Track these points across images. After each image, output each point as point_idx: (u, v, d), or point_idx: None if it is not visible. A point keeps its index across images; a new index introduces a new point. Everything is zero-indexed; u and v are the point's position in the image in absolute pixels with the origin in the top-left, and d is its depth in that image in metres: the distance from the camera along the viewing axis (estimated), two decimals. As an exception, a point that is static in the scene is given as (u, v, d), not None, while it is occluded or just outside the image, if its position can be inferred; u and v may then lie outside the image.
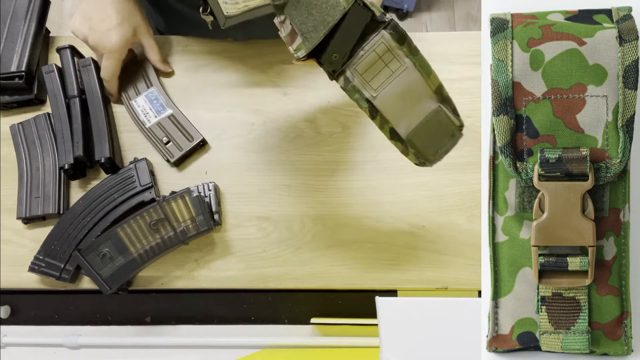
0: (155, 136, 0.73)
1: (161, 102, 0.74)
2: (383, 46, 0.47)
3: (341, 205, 0.70)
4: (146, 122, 0.73)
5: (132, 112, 0.74)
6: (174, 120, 0.73)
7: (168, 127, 0.73)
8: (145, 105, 0.74)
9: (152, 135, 0.73)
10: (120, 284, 0.66)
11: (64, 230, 0.68)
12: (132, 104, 0.75)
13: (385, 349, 0.54)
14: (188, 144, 0.72)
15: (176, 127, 0.73)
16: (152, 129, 0.73)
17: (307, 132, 0.73)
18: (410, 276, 0.68)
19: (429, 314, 0.55)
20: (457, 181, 0.71)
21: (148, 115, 0.74)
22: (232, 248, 0.70)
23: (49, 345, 0.75)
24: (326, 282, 0.69)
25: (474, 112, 0.72)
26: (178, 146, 0.72)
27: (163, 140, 0.73)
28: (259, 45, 0.77)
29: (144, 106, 0.74)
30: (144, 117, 0.74)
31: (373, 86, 0.48)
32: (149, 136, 0.73)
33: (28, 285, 0.69)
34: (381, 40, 0.46)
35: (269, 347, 0.73)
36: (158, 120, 0.73)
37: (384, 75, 0.48)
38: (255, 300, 0.76)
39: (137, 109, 0.74)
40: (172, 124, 0.73)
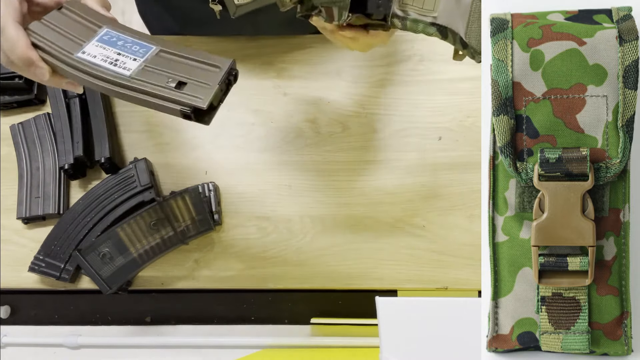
0: (151, 84, 0.46)
1: (131, 41, 0.49)
2: None
3: (341, 205, 0.70)
4: (123, 72, 0.47)
5: (83, 69, 0.48)
6: (172, 54, 0.49)
7: (168, 66, 0.48)
8: (104, 52, 0.49)
9: (144, 86, 0.46)
10: (120, 284, 0.66)
11: (64, 230, 0.68)
12: (79, 57, 0.48)
13: (385, 349, 0.54)
14: (216, 74, 0.47)
15: (180, 62, 0.48)
16: (139, 78, 0.47)
17: (307, 132, 0.73)
18: (410, 276, 0.68)
19: (429, 314, 0.55)
20: (457, 181, 0.71)
21: (119, 62, 0.48)
22: (232, 248, 0.70)
23: (49, 345, 0.75)
24: (326, 282, 0.69)
25: (474, 112, 0.72)
26: (201, 83, 0.47)
27: (169, 84, 0.46)
28: (259, 45, 0.77)
29: (104, 53, 0.48)
30: (111, 66, 0.48)
31: (429, 8, 0.46)
32: (138, 89, 0.47)
33: (28, 285, 0.69)
34: None
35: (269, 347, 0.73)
36: (143, 62, 0.48)
37: None
38: (255, 300, 0.76)
39: (92, 60, 0.48)
40: (172, 61, 0.48)
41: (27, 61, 0.49)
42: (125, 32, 0.50)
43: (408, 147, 0.72)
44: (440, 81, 0.73)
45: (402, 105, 0.73)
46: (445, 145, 0.71)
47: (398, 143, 0.72)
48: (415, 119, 0.72)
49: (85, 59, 0.48)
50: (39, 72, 0.50)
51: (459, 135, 0.71)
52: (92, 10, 0.52)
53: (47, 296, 0.76)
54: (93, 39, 0.50)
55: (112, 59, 0.48)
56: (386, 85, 0.74)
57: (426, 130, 0.72)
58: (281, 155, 0.72)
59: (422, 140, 0.72)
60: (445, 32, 0.47)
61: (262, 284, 0.69)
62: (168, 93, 0.46)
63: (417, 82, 0.74)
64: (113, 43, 0.49)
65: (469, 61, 0.75)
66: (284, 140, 0.73)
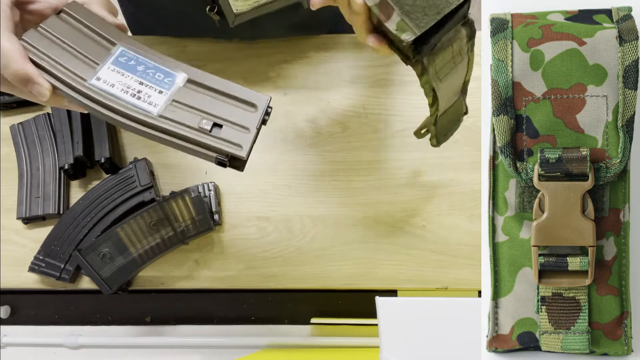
0: (183, 126, 0.41)
1: (153, 66, 0.43)
2: (459, 42, 0.46)
3: (341, 205, 0.70)
4: (149, 108, 0.41)
5: (101, 101, 0.41)
6: (202, 86, 0.43)
7: (199, 103, 0.42)
8: (124, 80, 0.42)
9: (176, 127, 0.41)
10: (120, 284, 0.66)
11: (64, 230, 0.68)
12: (93, 85, 0.42)
13: (385, 349, 0.54)
14: (253, 115, 0.43)
15: (212, 97, 0.43)
16: (168, 117, 0.41)
17: (307, 132, 0.73)
18: (410, 276, 0.68)
19: (429, 314, 0.55)
20: (457, 181, 0.71)
21: (143, 95, 0.42)
22: (232, 248, 0.70)
23: (49, 345, 0.75)
24: (326, 282, 0.69)
25: (474, 112, 0.72)
26: (238, 126, 0.42)
27: (203, 126, 0.41)
28: (259, 46, 0.77)
29: (123, 82, 0.42)
30: (134, 99, 0.41)
31: (440, 77, 0.47)
32: (169, 131, 0.41)
33: (28, 285, 0.69)
34: (459, 35, 0.45)
35: (269, 347, 0.73)
36: (170, 96, 0.42)
37: (449, 67, 0.47)
38: (255, 300, 0.76)
39: (111, 90, 0.42)
40: (203, 95, 0.43)
41: (24, 78, 0.41)
42: (142, 53, 0.43)
43: (408, 147, 0.72)
44: (440, 81, 0.73)
45: (402, 105, 0.73)
46: (445, 145, 0.71)
47: (398, 143, 0.72)
48: (415, 119, 0.72)
49: (102, 88, 0.41)
50: (38, 90, 0.41)
51: (459, 135, 0.71)
52: (97, 17, 0.45)
53: (47, 296, 0.76)
54: (107, 61, 0.42)
55: (134, 90, 0.42)
56: (386, 85, 0.74)
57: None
58: (281, 155, 0.72)
59: (422, 140, 0.72)
60: (435, 101, 0.50)
61: (262, 284, 0.69)
62: (204, 138, 0.41)
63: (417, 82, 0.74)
64: (132, 68, 0.42)
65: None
66: (284, 140, 0.73)
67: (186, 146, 0.42)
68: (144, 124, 0.41)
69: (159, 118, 0.41)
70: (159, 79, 0.43)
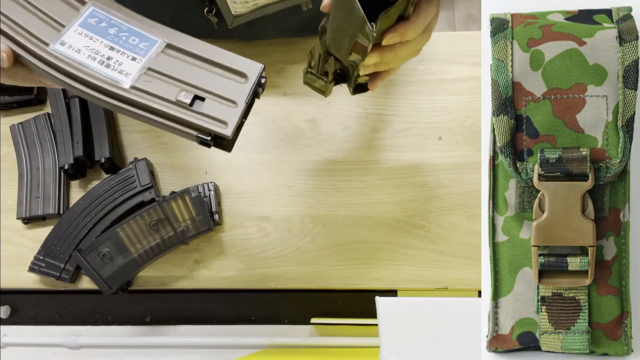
0: (158, 99, 0.35)
1: (127, 29, 0.36)
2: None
3: (341, 205, 0.70)
4: (119, 78, 0.35)
5: (64, 69, 0.35)
6: (183, 52, 0.37)
7: (179, 71, 0.36)
8: (92, 44, 0.35)
9: (149, 100, 0.35)
10: (120, 284, 0.66)
11: (64, 230, 0.68)
12: (56, 50, 0.35)
13: (385, 349, 0.54)
14: (243, 87, 0.37)
15: (195, 65, 0.37)
16: (141, 88, 0.36)
17: (307, 132, 0.73)
18: (410, 276, 0.68)
19: (429, 314, 0.55)
20: (457, 181, 0.71)
21: (113, 62, 0.35)
22: (232, 248, 0.70)
23: (49, 345, 0.74)
24: (326, 282, 0.69)
25: (474, 112, 0.72)
26: (224, 99, 0.37)
27: (182, 99, 0.35)
28: (259, 45, 0.76)
29: (91, 47, 0.35)
30: (102, 67, 0.35)
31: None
32: (140, 105, 0.36)
33: (28, 285, 0.69)
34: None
35: (269, 347, 0.73)
36: (145, 64, 0.36)
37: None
38: (255, 300, 0.75)
39: (76, 56, 0.35)
40: (184, 63, 0.37)
41: None
42: (116, 14, 0.36)
43: (408, 147, 0.72)
44: (440, 81, 0.73)
45: (402, 105, 0.73)
46: (445, 145, 0.71)
47: (398, 143, 0.72)
48: (415, 119, 0.72)
49: (65, 53, 0.35)
50: None
51: (459, 135, 0.71)
52: None
53: (47, 296, 0.76)
54: (74, 23, 0.35)
55: (103, 57, 0.35)
56: (386, 85, 0.74)
57: (426, 130, 0.72)
58: (281, 155, 0.72)
59: (422, 140, 0.72)
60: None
61: (262, 284, 0.69)
62: (182, 113, 0.35)
63: (417, 82, 0.74)
64: (103, 31, 0.35)
65: (469, 61, 0.76)
66: (284, 140, 0.73)
67: (162, 122, 0.36)
68: (113, 95, 0.35)
69: (130, 90, 0.35)
70: (133, 43, 0.36)
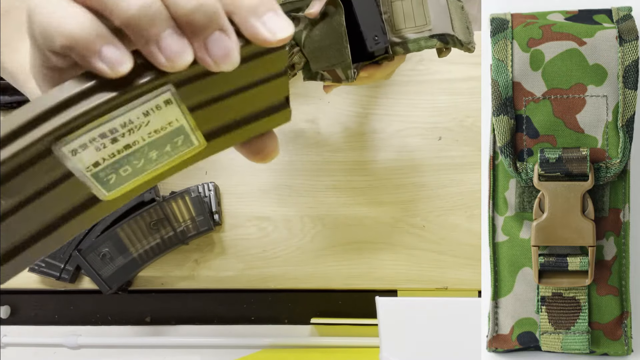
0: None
1: None
2: None
3: (341, 205, 0.70)
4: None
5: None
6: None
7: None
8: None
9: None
10: (120, 284, 0.66)
11: (64, 230, 0.68)
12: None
13: (385, 349, 0.54)
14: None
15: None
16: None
17: (307, 132, 0.73)
18: (410, 276, 0.68)
19: (429, 314, 0.55)
20: (457, 181, 0.71)
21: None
22: (232, 248, 0.70)
23: (49, 345, 0.75)
24: (326, 282, 0.69)
25: (474, 112, 0.72)
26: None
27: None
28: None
29: None
30: None
31: (421, 23, 0.47)
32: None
33: (28, 285, 0.69)
34: None
35: (269, 347, 0.73)
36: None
37: (417, 8, 0.47)
38: (255, 300, 0.76)
39: None
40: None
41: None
42: None
43: (408, 147, 0.72)
44: (440, 81, 0.73)
45: (402, 105, 0.73)
46: (445, 145, 0.71)
47: (398, 143, 0.72)
48: (415, 119, 0.72)
49: None
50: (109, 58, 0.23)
51: (459, 135, 0.71)
52: None
53: (47, 296, 0.76)
54: None
55: None
56: (386, 85, 0.74)
57: (426, 130, 0.72)
58: (281, 155, 0.72)
59: (422, 140, 0.72)
60: (445, 38, 0.47)
61: (262, 284, 0.69)
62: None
63: (417, 82, 0.74)
64: None
65: (468, 61, 0.76)
66: (284, 140, 0.73)
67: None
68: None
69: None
70: None
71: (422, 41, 0.47)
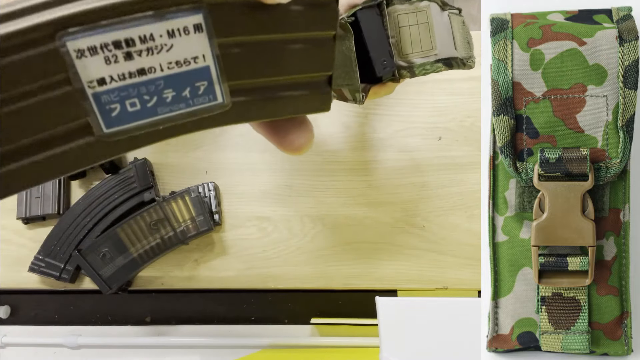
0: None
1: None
2: (402, 16, 0.46)
3: (341, 205, 0.70)
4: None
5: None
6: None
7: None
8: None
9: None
10: (120, 284, 0.66)
11: (64, 230, 0.68)
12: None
13: (385, 349, 0.54)
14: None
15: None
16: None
17: (307, 132, 0.73)
18: (410, 276, 0.68)
19: (429, 314, 0.55)
20: (457, 181, 0.71)
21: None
22: (232, 248, 0.70)
23: (49, 345, 0.75)
24: (326, 282, 0.69)
25: (474, 112, 0.72)
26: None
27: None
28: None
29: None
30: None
31: (427, 47, 0.47)
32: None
33: (28, 285, 0.69)
34: (395, 11, 0.46)
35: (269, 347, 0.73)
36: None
37: (424, 33, 0.47)
38: (255, 300, 0.76)
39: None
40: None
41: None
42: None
43: (408, 147, 0.72)
44: (440, 81, 0.73)
45: (402, 105, 0.73)
46: (445, 145, 0.71)
47: (398, 143, 0.72)
48: (415, 119, 0.72)
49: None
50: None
51: (459, 135, 0.71)
52: None
53: (47, 296, 0.76)
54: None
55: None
56: (386, 85, 0.74)
57: (426, 130, 0.72)
58: (281, 155, 0.72)
59: (422, 140, 0.72)
60: (450, 62, 0.48)
61: (262, 284, 0.69)
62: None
63: (417, 82, 0.74)
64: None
65: (469, 61, 0.76)
66: (284, 140, 0.73)
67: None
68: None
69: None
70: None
71: (429, 66, 0.48)
